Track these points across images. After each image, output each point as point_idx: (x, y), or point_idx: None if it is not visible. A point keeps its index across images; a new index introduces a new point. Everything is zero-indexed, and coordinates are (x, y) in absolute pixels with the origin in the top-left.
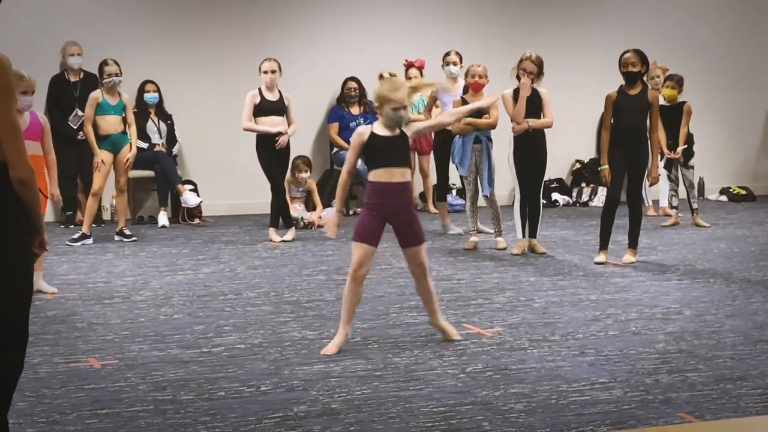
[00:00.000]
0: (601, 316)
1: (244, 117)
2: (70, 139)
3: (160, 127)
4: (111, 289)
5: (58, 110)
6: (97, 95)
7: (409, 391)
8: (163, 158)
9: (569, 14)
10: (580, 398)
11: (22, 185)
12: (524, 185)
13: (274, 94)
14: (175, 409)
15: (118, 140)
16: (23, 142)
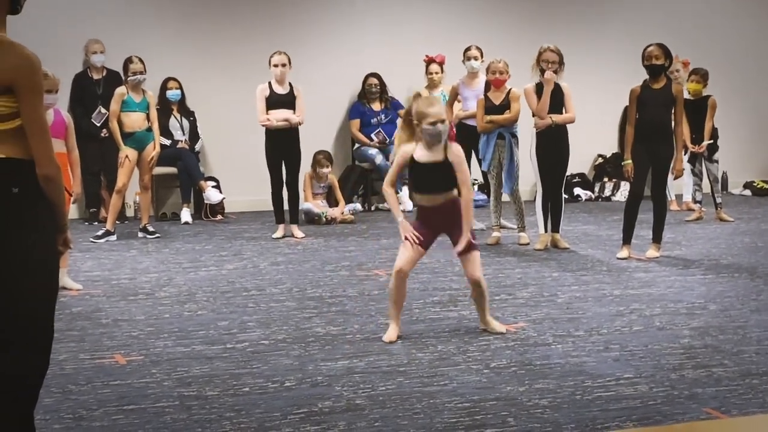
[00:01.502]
0: (626, 311)
1: (259, 111)
2: (94, 136)
3: (182, 124)
4: (135, 286)
5: (81, 108)
6: (122, 92)
7: (434, 386)
8: (185, 155)
9: (590, 7)
10: (605, 394)
11: (49, 182)
12: (546, 180)
13: (284, 87)
14: (201, 404)
15: (143, 137)
16: (50, 140)
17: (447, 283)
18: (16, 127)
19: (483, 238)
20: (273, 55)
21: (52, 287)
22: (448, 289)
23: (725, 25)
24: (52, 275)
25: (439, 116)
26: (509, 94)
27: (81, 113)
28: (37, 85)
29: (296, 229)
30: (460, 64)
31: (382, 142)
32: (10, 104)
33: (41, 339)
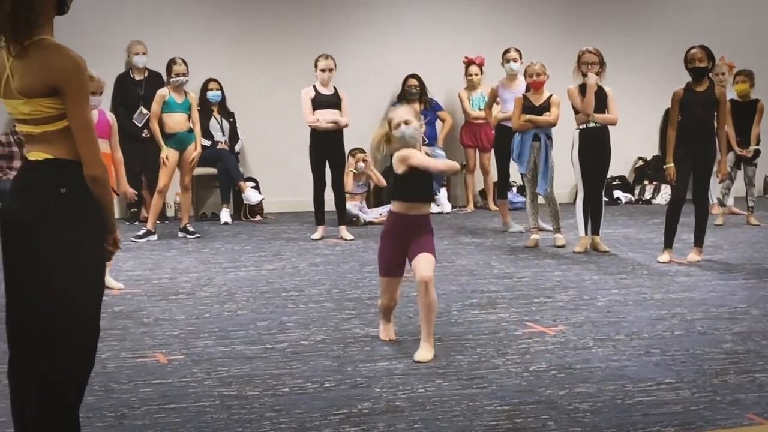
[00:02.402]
0: (667, 315)
1: (306, 112)
2: (135, 137)
3: (222, 125)
4: (176, 285)
5: (123, 109)
6: (165, 92)
7: (473, 389)
8: (225, 156)
9: (632, 8)
10: (647, 398)
11: (96, 183)
12: (587, 183)
13: (328, 89)
14: (241, 404)
15: (184, 138)
16: (97, 140)
17: (486, 286)
18: (62, 128)
19: (522, 240)
20: (319, 59)
21: (99, 287)
22: (486, 292)
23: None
24: (99, 275)
25: (402, 118)
26: (550, 98)
27: (123, 114)
28: (83, 87)
29: (344, 230)
30: (500, 66)
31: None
32: (57, 106)
33: (87, 338)
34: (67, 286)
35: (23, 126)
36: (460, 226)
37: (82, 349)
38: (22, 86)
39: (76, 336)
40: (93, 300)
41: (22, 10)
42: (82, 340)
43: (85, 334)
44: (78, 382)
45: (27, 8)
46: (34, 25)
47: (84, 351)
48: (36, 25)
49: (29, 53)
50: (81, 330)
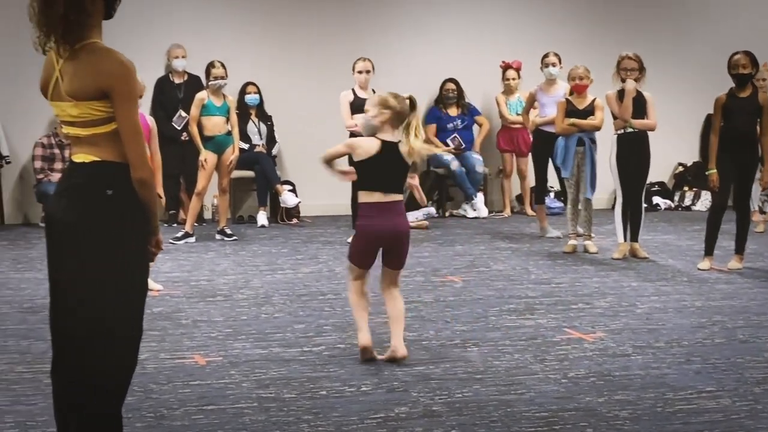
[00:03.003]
0: (707, 323)
1: (345, 116)
2: (174, 139)
3: (260, 128)
4: (213, 287)
5: (162, 112)
6: (203, 96)
7: (511, 395)
8: (262, 159)
9: (673, 12)
10: (687, 407)
11: (143, 185)
12: (626, 188)
13: (367, 92)
14: (279, 406)
15: (223, 141)
16: (144, 144)
17: (523, 291)
18: (110, 131)
19: (560, 246)
20: (357, 61)
21: (142, 288)
22: (524, 297)
23: None
24: (143, 276)
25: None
26: (594, 101)
27: (162, 117)
28: (132, 91)
29: None
30: (537, 71)
31: (457, 147)
32: (105, 108)
33: (130, 338)
34: (112, 287)
35: (70, 128)
36: (496, 231)
37: (124, 349)
38: (72, 89)
39: (119, 337)
40: (136, 301)
41: (75, 12)
42: (125, 340)
43: (128, 335)
44: (121, 382)
45: (80, 11)
46: (86, 27)
47: (127, 351)
48: (87, 28)
49: (80, 56)
50: (124, 331)
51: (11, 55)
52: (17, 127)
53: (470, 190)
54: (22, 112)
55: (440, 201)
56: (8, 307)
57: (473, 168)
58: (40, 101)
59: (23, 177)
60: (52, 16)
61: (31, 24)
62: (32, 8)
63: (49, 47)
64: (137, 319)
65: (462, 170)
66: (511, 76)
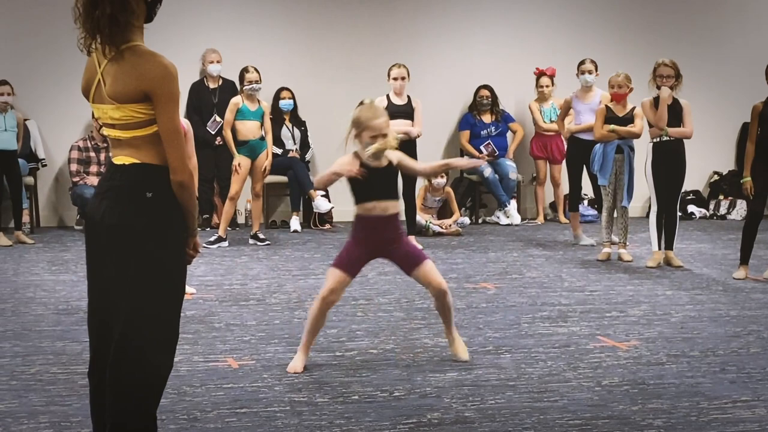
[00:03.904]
0: (743, 332)
1: None
2: (208, 144)
3: (294, 134)
4: (246, 291)
5: (197, 116)
6: (238, 101)
7: (544, 402)
8: (296, 164)
9: (711, 19)
10: (722, 416)
11: (183, 189)
12: (661, 196)
13: (402, 98)
14: (311, 410)
15: (257, 146)
16: (185, 147)
17: (556, 299)
18: (151, 134)
19: (593, 254)
20: (392, 67)
21: (180, 290)
22: (557, 305)
23: None
24: (180, 279)
25: (381, 130)
26: (633, 110)
27: (197, 121)
28: (174, 94)
29: (413, 240)
30: (571, 78)
31: (491, 154)
32: (147, 111)
33: (167, 340)
34: (150, 290)
35: (111, 130)
36: (529, 239)
37: (161, 351)
38: (115, 91)
39: (156, 339)
40: (174, 304)
41: (122, 12)
42: (163, 343)
43: (166, 338)
44: (156, 384)
45: (126, 11)
46: (131, 29)
47: (163, 354)
48: (132, 30)
49: (123, 58)
50: (161, 332)
51: (48, 59)
52: (53, 130)
53: (503, 197)
54: (59, 116)
55: (473, 208)
56: (43, 309)
57: (506, 175)
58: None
59: (59, 180)
60: (99, 17)
61: (76, 25)
62: (77, 9)
63: (93, 49)
64: (174, 321)
65: (495, 177)
66: (545, 83)
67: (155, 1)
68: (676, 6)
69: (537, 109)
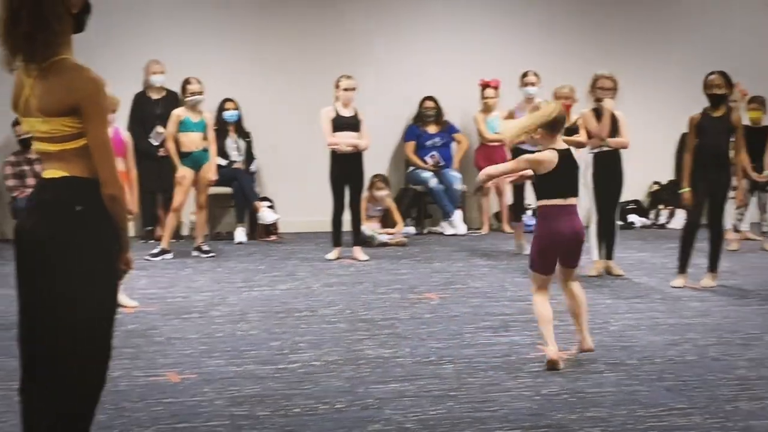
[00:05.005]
0: (680, 340)
1: (326, 134)
2: (151, 155)
3: (238, 145)
4: (189, 304)
5: (140, 127)
6: (180, 113)
7: (484, 412)
8: (241, 175)
9: (648, 33)
10: (658, 424)
11: (113, 201)
12: (601, 206)
13: (349, 110)
14: (252, 424)
15: (200, 157)
16: (114, 159)
17: (499, 308)
18: (80, 147)
19: None
20: (341, 78)
21: (111, 305)
22: (500, 314)
23: None
24: (112, 293)
25: None
26: (578, 120)
27: (140, 133)
28: (102, 107)
29: (359, 251)
30: (515, 89)
31: (436, 164)
32: (76, 125)
33: (99, 356)
34: (80, 305)
35: (40, 144)
36: (474, 249)
37: (93, 367)
38: (43, 105)
39: (87, 354)
40: (105, 319)
41: (41, 31)
42: (94, 358)
43: (97, 353)
44: (89, 400)
45: (46, 29)
46: (53, 45)
47: (95, 370)
48: (55, 45)
49: (50, 73)
50: (93, 348)
51: None
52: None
53: (448, 207)
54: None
55: (419, 218)
56: None
57: (452, 185)
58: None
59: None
60: (18, 36)
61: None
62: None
63: (16, 65)
64: (106, 336)
65: (440, 187)
66: (490, 95)
67: (83, 12)
68: (616, 20)
69: (481, 120)
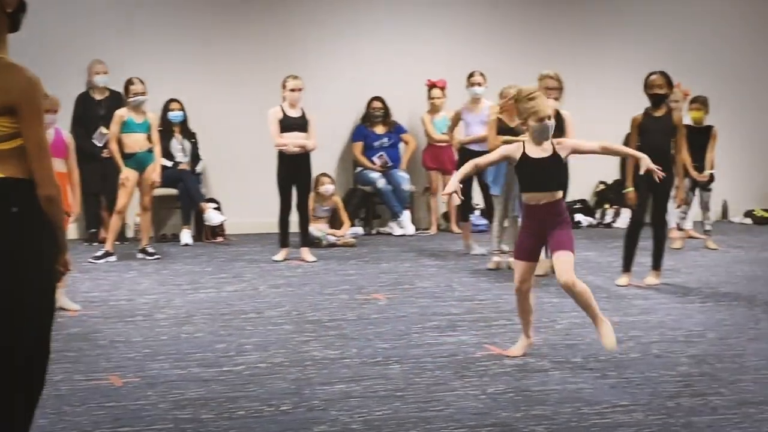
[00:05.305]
0: (624, 338)
1: (274, 134)
2: (95, 157)
3: (184, 146)
4: (133, 307)
5: (83, 128)
6: (123, 113)
7: (430, 411)
8: (186, 176)
9: (592, 33)
10: (602, 421)
11: (50, 203)
12: None
13: (296, 110)
14: (195, 428)
15: (144, 158)
16: (51, 160)
17: (446, 308)
18: (15, 147)
19: (484, 263)
20: (288, 79)
21: (50, 307)
22: (447, 314)
23: (724, 53)
24: (50, 296)
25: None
26: None
27: (83, 134)
28: (38, 106)
29: (307, 252)
30: (463, 89)
31: (384, 165)
32: (11, 125)
33: (38, 359)
34: (17, 307)
35: None
36: (422, 249)
37: (30, 370)
38: None
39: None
40: (43, 320)
41: None
42: (33, 361)
43: (36, 355)
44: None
45: None
46: None
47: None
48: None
49: None
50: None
51: None
52: None
53: (397, 207)
54: None
55: (367, 219)
56: None
57: (400, 186)
58: None
59: None
60: None
61: None
62: None
63: None
64: (45, 339)
65: (389, 188)
66: (436, 95)
67: (18, 11)
68: (561, 21)
69: (429, 120)
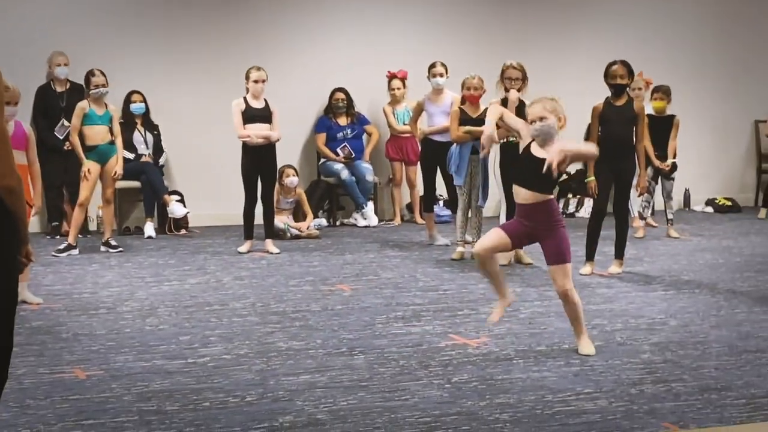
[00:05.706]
0: (587, 326)
1: (237, 126)
2: (57, 149)
3: (146, 138)
4: (96, 300)
5: (44, 121)
6: (84, 105)
7: (395, 401)
8: (149, 169)
9: (555, 24)
10: (566, 408)
11: (11, 194)
12: (509, 196)
13: (259, 102)
14: (160, 419)
15: (106, 151)
16: (11, 151)
17: (411, 298)
18: None
19: (448, 253)
20: (251, 70)
21: (12, 300)
22: (411, 304)
23: (687, 43)
24: (12, 288)
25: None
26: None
27: (44, 126)
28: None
29: (271, 244)
30: (424, 80)
31: (347, 156)
32: None
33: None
34: None
35: None
36: (386, 240)
37: None
38: None
39: None
40: (5, 313)
41: None
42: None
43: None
44: None
45: None
46: None
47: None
48: None
49: None
50: None
51: None
52: None
53: (360, 198)
54: None
55: (330, 210)
56: None
57: (363, 177)
58: None
59: None
60: None
61: None
62: None
63: None
64: (7, 331)
65: (352, 179)
66: (397, 86)
67: None
68: (524, 10)
69: (390, 111)
